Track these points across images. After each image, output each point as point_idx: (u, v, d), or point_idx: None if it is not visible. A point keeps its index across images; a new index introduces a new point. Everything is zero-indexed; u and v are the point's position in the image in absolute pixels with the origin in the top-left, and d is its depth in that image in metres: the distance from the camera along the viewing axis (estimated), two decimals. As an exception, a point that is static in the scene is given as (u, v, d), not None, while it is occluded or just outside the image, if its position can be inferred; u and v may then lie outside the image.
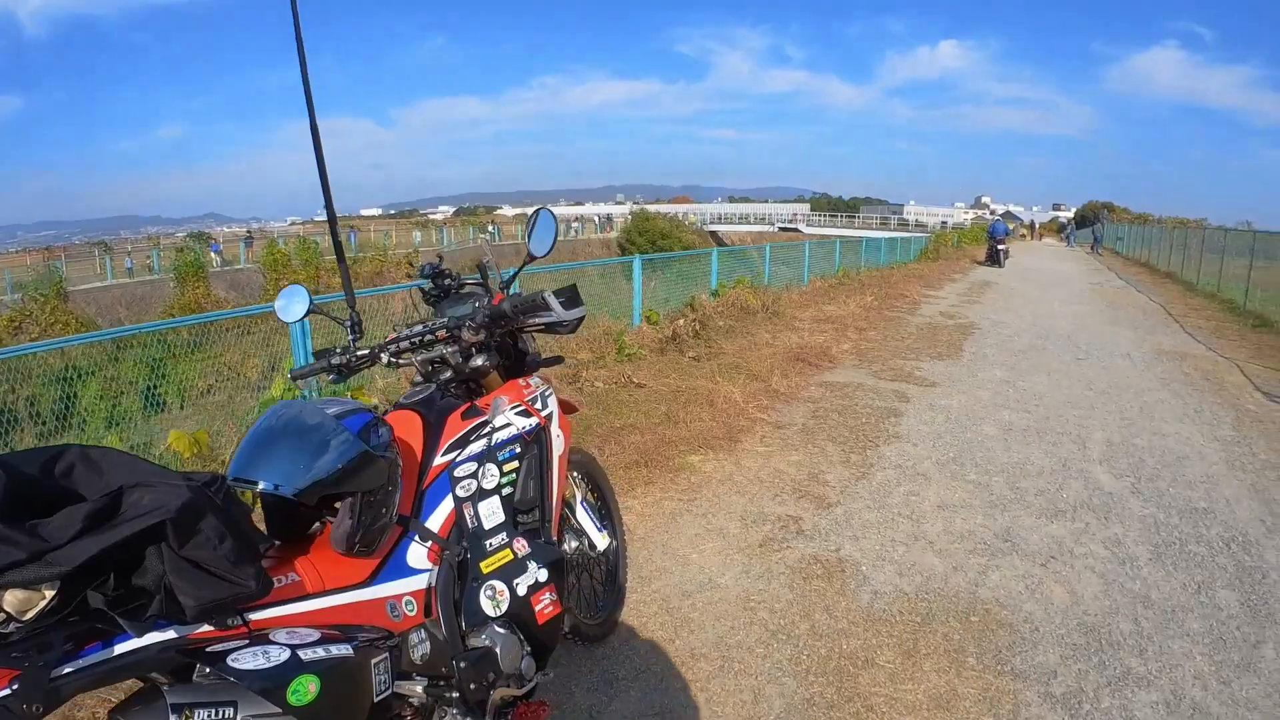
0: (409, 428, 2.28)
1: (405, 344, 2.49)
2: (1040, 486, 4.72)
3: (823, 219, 62.40)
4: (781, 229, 55.81)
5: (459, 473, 2.27)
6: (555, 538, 2.60)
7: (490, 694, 2.20)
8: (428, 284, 2.71)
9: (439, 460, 2.27)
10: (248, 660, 1.49)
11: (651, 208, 54.92)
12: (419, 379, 2.54)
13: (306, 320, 3.10)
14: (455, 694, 2.09)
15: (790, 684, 2.87)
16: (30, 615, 1.26)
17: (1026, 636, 3.13)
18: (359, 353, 2.51)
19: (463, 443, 2.31)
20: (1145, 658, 3.02)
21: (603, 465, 5.09)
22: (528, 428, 2.52)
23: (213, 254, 34.88)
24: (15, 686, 1.22)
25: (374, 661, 1.76)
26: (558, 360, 3.03)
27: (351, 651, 1.67)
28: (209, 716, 1.44)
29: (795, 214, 68.18)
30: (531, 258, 2.61)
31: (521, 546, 2.36)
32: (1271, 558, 3.84)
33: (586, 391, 6.98)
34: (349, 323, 2.56)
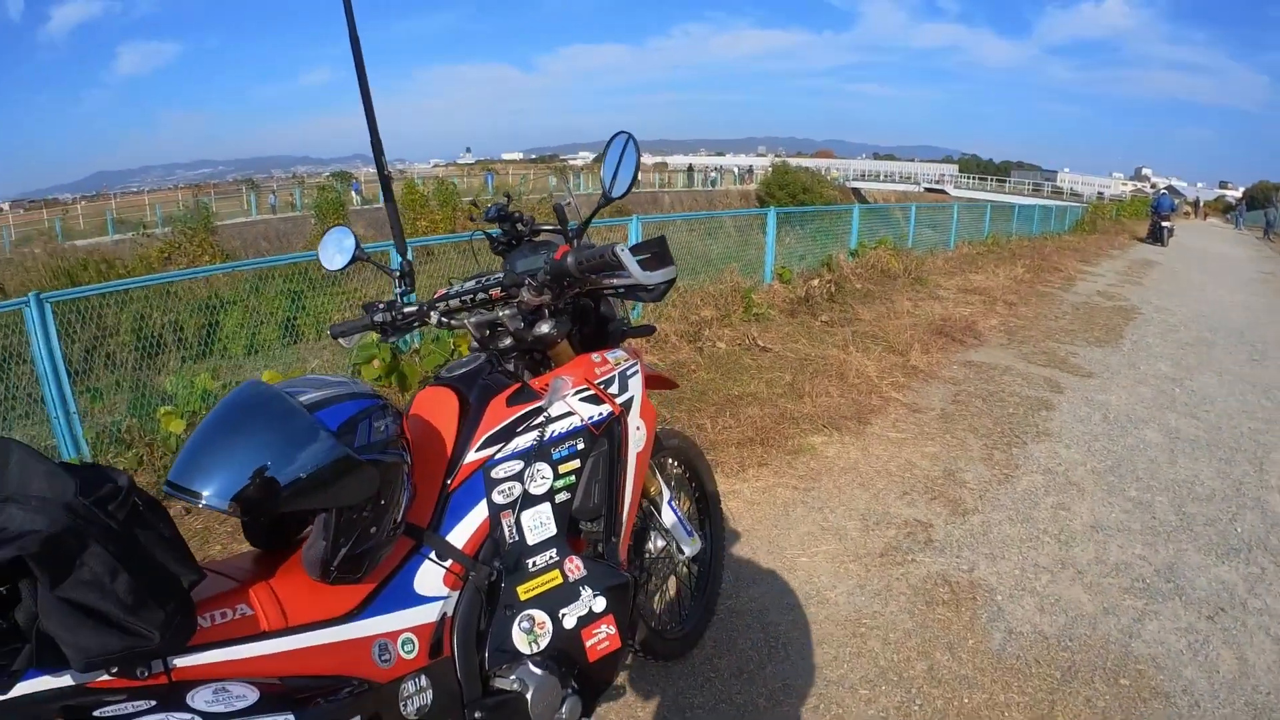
0: (441, 410, 1.85)
1: (456, 301, 2.02)
2: (1210, 514, 4.02)
3: (971, 182, 59.07)
4: (927, 189, 53.12)
5: (498, 473, 1.79)
6: (623, 557, 2.09)
7: None
8: (495, 229, 2.23)
9: (473, 456, 1.79)
10: None
11: (794, 161, 53.39)
12: (475, 346, 2.07)
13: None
14: None
15: (895, 742, 2.43)
16: None
17: (1184, 714, 2.56)
18: (406, 309, 2.08)
19: (506, 435, 1.83)
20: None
21: (713, 439, 4.74)
22: (596, 418, 1.98)
23: (353, 193, 36.10)
24: None
25: None
26: (648, 330, 2.48)
27: None
28: None
29: (942, 175, 64.87)
30: (607, 200, 2.00)
31: (575, 568, 1.87)
32: None
33: (707, 353, 6.58)
34: (398, 273, 2.15)
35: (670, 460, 2.90)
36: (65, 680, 1.10)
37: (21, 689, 1.07)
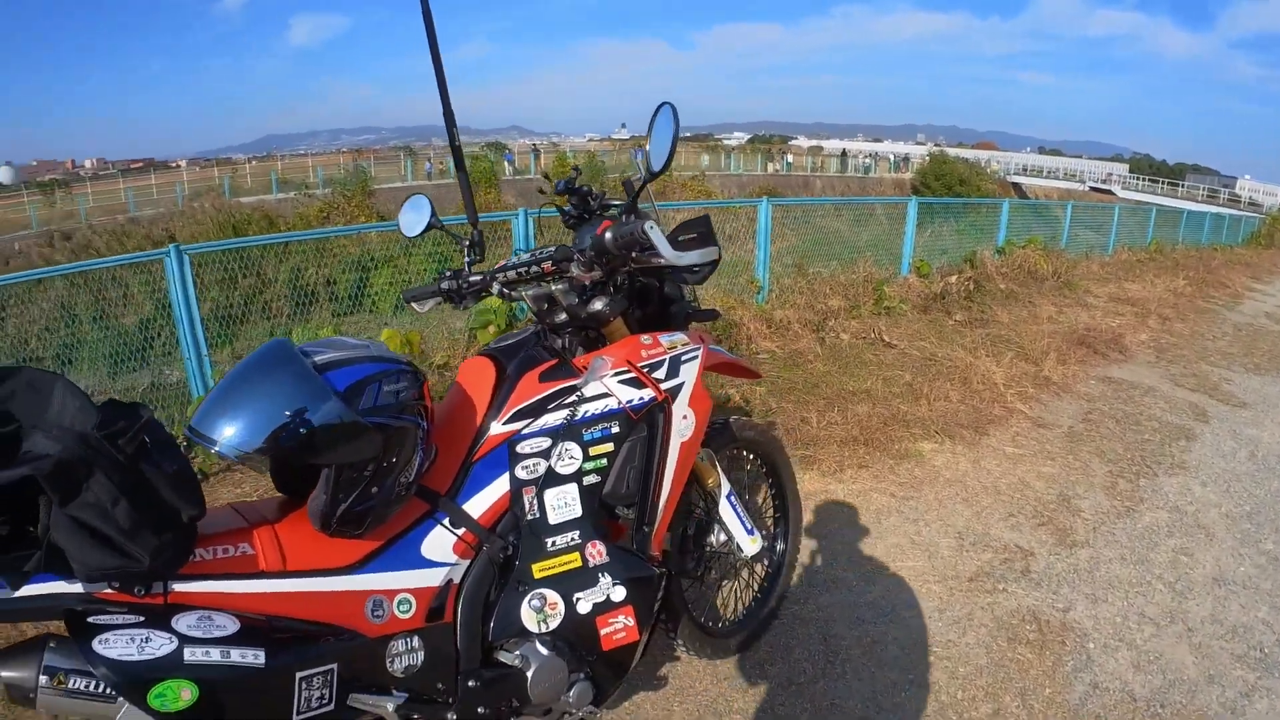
0: (478, 380, 1.89)
1: (513, 273, 2.01)
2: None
3: (1140, 183, 54.86)
4: (1092, 189, 49.73)
5: (524, 448, 1.82)
6: (656, 548, 2.04)
7: None
8: (565, 202, 2.19)
9: (499, 429, 1.83)
10: (119, 646, 1.28)
11: (952, 151, 51.18)
12: (534, 319, 2.09)
13: None
14: (452, 715, 1.69)
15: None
16: None
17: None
18: (471, 278, 2.10)
19: (536, 410, 1.85)
20: None
21: (815, 434, 4.57)
22: (636, 401, 1.96)
23: (506, 163, 37.09)
24: None
25: (299, 675, 1.44)
26: (711, 315, 2.38)
27: (260, 661, 1.37)
28: (86, 686, 1.29)
29: (1110, 174, 60.56)
30: (651, 174, 1.91)
31: (596, 553, 1.86)
32: None
33: (829, 344, 6.39)
34: (467, 242, 2.16)
35: (746, 454, 2.82)
36: (75, 588, 1.27)
37: (31, 589, 1.24)
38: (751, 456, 2.84)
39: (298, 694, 1.44)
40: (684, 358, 2.10)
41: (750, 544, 2.50)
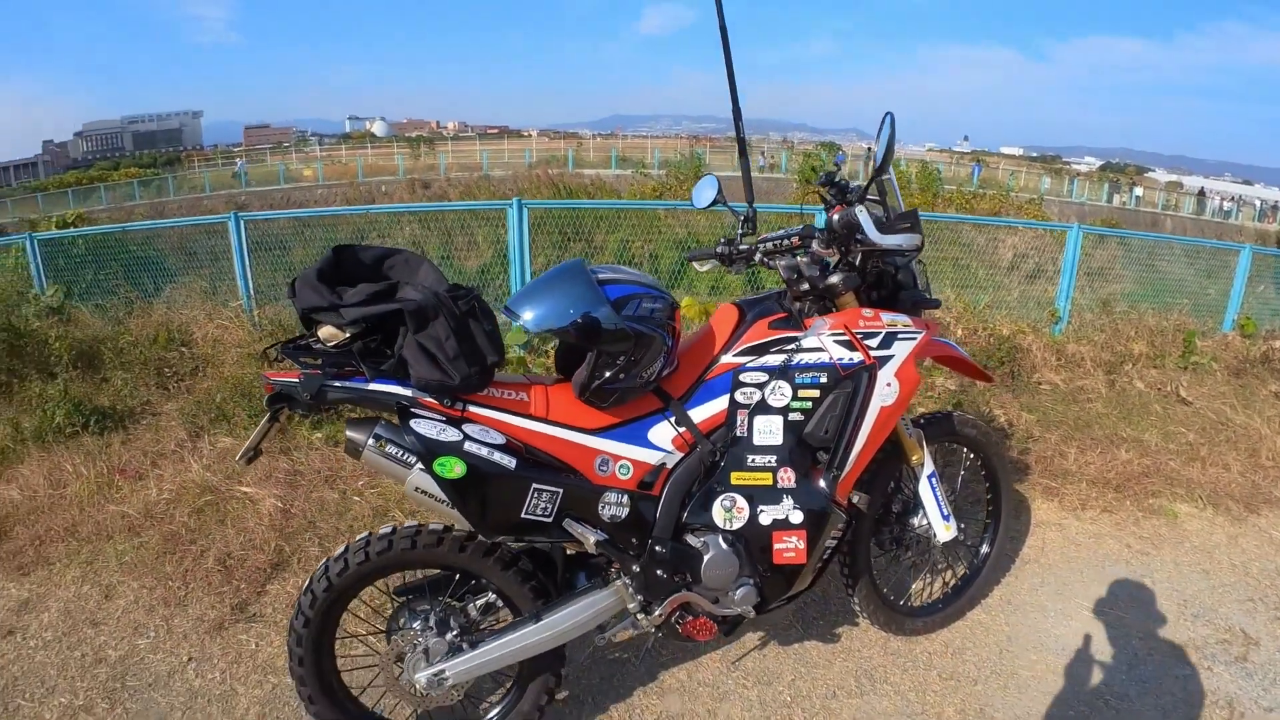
0: (724, 320, 2.31)
1: (770, 245, 2.42)
2: None
3: None
4: None
5: (745, 379, 2.22)
6: (843, 494, 2.35)
7: (678, 590, 2.22)
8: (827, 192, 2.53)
9: (727, 359, 2.24)
10: (426, 427, 1.92)
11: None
12: (786, 285, 2.46)
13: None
14: (636, 566, 2.18)
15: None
16: (332, 345, 1.88)
17: None
18: (740, 247, 2.50)
19: (759, 350, 2.25)
20: None
21: (1067, 469, 4.47)
22: (846, 360, 2.28)
23: (836, 164, 36.27)
24: (298, 380, 1.89)
25: (535, 486, 2.00)
26: (932, 303, 2.61)
27: (511, 465, 1.96)
28: (395, 452, 1.94)
29: None
30: (877, 173, 2.34)
31: (787, 478, 2.23)
32: None
33: (1118, 387, 6.06)
34: (743, 217, 2.54)
35: (966, 452, 2.96)
36: (408, 391, 1.94)
37: (381, 386, 1.93)
38: (971, 455, 2.97)
39: (529, 498, 2.00)
40: (900, 335, 2.39)
41: (944, 530, 2.70)
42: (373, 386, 1.92)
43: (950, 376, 5.34)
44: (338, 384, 1.91)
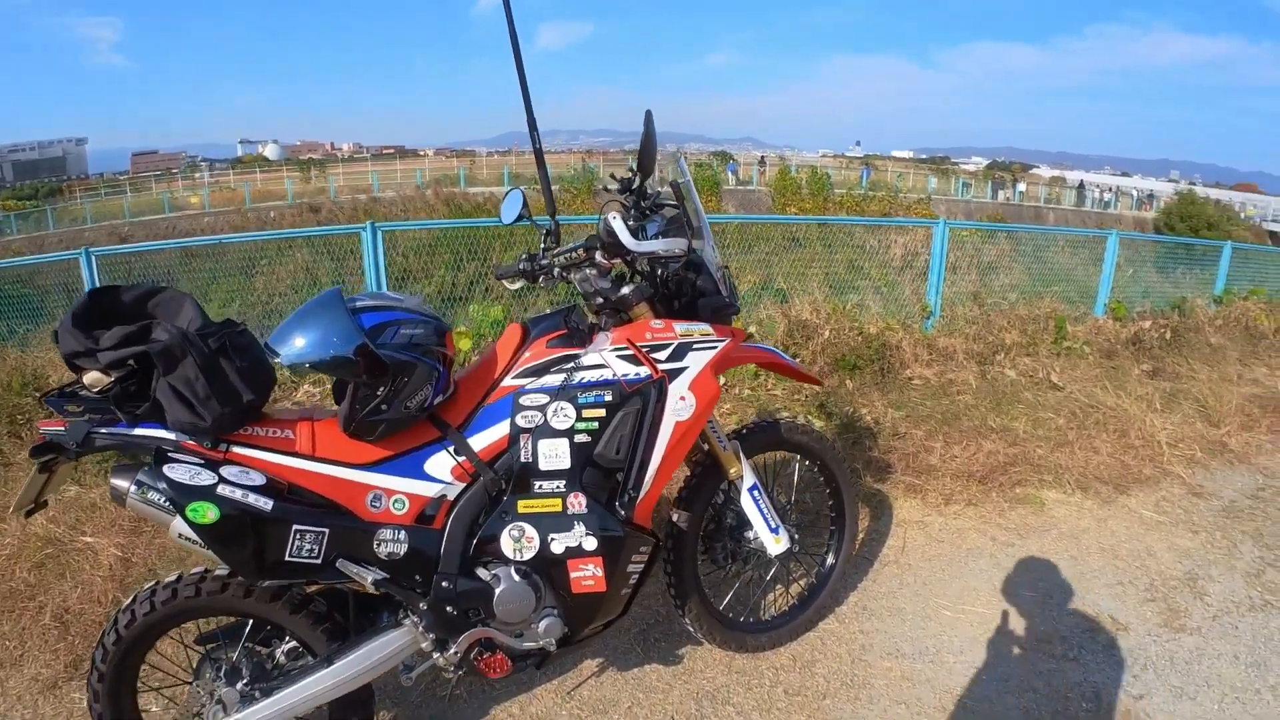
0: (507, 341, 2.18)
1: (563, 258, 2.26)
2: None
3: None
4: (1376, 244, 43.14)
5: (525, 401, 2.08)
6: (642, 516, 2.18)
7: (473, 626, 2.08)
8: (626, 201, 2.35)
9: (508, 382, 2.11)
10: (180, 472, 1.80)
11: (1206, 192, 45.82)
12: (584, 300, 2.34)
13: None
14: (423, 604, 2.03)
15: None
16: (97, 390, 1.79)
17: None
18: (541, 262, 2.32)
19: (539, 371, 2.12)
20: None
21: (932, 465, 4.27)
22: (631, 376, 2.12)
23: (729, 173, 37.22)
24: (64, 429, 1.81)
25: (296, 527, 1.88)
26: (733, 309, 2.43)
27: (268, 507, 1.84)
28: (157, 499, 1.81)
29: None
30: (642, 173, 2.27)
31: (578, 503, 2.06)
32: None
33: (989, 378, 5.96)
34: (544, 230, 2.38)
35: (802, 460, 2.76)
36: (169, 435, 1.83)
37: (141, 431, 1.83)
38: (806, 463, 2.77)
39: (291, 540, 1.87)
40: (696, 346, 2.22)
41: (774, 543, 2.53)
42: (137, 431, 1.84)
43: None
44: (104, 430, 1.83)
